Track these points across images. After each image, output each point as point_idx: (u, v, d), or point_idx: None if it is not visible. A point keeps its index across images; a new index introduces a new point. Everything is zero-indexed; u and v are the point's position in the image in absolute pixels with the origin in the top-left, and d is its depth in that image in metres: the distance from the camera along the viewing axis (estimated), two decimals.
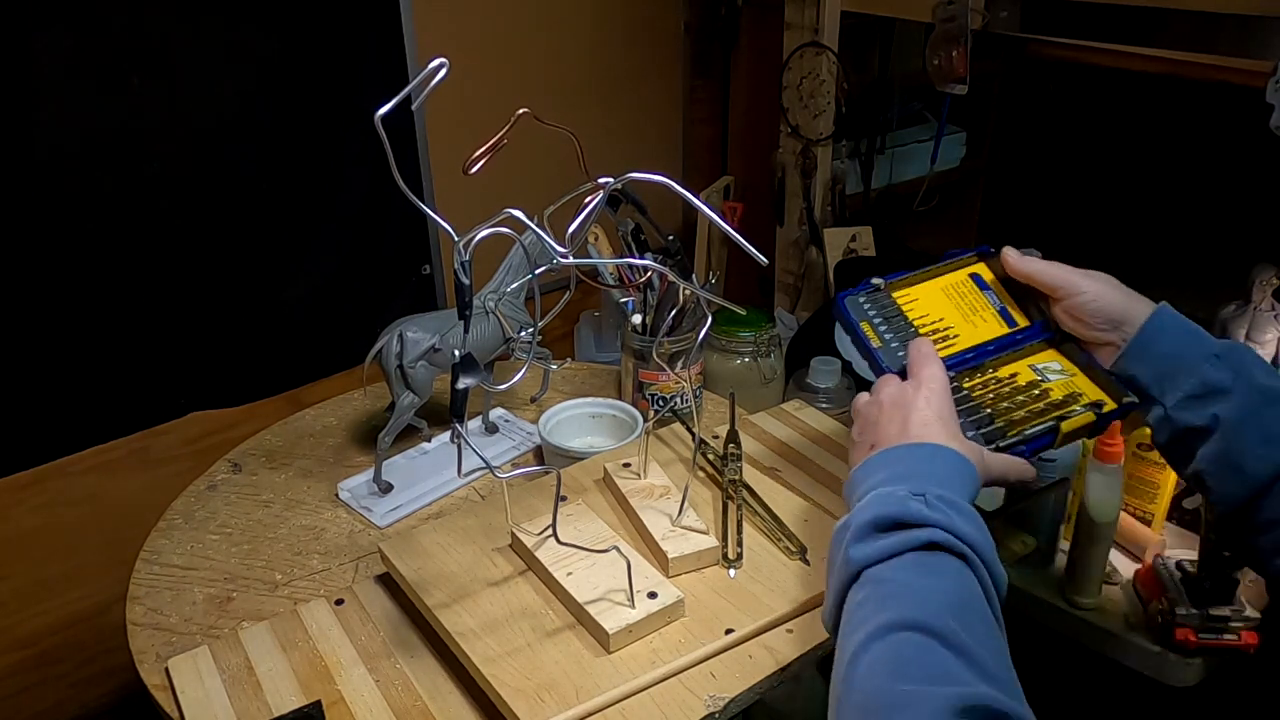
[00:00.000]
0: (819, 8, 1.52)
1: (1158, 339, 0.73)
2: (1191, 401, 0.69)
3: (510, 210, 0.66)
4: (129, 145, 1.23)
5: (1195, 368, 0.70)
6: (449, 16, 1.48)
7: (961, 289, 0.84)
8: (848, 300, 0.83)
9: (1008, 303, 0.82)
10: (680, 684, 0.68)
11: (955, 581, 0.58)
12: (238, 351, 1.41)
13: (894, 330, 0.80)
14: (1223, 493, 0.68)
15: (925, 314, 0.81)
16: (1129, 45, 1.27)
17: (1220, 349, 0.70)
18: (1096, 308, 0.75)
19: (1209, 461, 0.68)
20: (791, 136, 1.63)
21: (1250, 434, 0.66)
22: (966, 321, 0.81)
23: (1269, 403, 0.67)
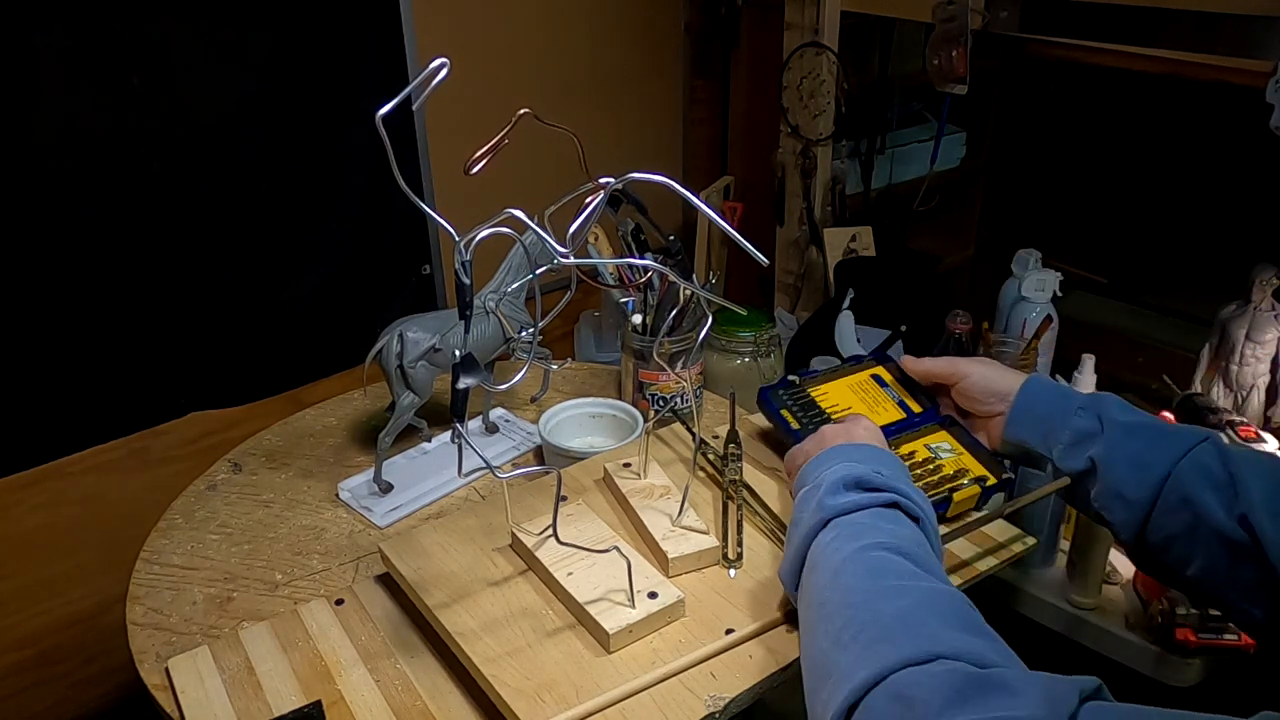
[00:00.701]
0: (819, 8, 1.52)
1: (1033, 403, 0.83)
2: (1071, 450, 0.79)
3: (511, 210, 0.66)
4: (129, 145, 1.22)
5: (1066, 420, 0.79)
6: (449, 16, 1.48)
7: (865, 386, 0.98)
8: (770, 393, 0.96)
9: (904, 396, 0.96)
10: (680, 684, 0.68)
11: (914, 532, 0.68)
12: (238, 351, 1.41)
13: (809, 416, 0.93)
14: (1119, 522, 0.76)
15: (835, 403, 0.95)
16: (1129, 45, 1.26)
17: (1084, 401, 0.80)
18: (982, 385, 0.87)
19: (1099, 497, 0.77)
20: (791, 136, 1.63)
21: (1121, 464, 0.75)
22: (870, 410, 0.94)
23: (1130, 435, 0.76)
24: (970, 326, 1.24)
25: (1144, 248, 1.75)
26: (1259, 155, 1.23)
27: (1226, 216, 1.60)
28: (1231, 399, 1.24)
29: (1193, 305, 1.66)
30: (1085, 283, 1.72)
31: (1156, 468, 0.73)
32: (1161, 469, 0.73)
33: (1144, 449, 0.75)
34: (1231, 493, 0.68)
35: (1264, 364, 1.21)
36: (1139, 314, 1.74)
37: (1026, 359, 1.23)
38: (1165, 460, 0.73)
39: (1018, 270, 1.39)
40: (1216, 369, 1.25)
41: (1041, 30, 1.34)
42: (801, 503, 0.72)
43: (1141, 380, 1.47)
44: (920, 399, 0.96)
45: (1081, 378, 1.26)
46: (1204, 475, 0.71)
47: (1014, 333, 1.35)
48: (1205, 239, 1.64)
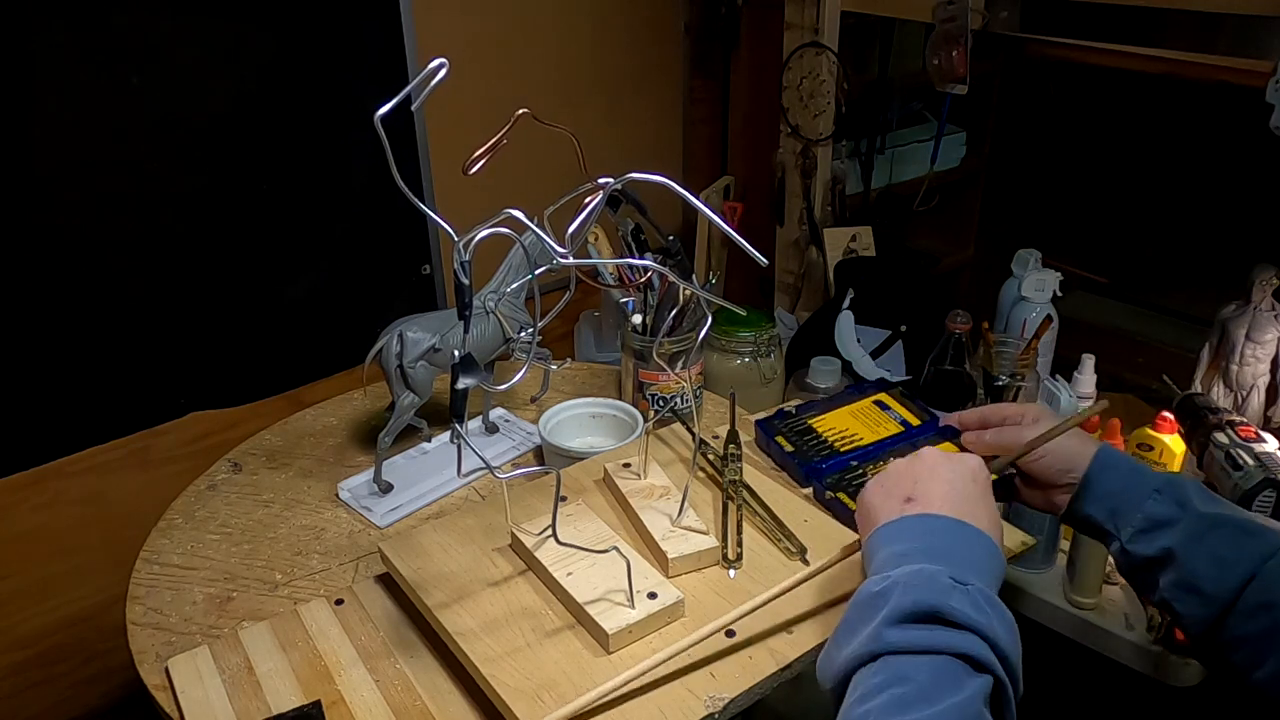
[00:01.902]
0: (819, 8, 1.52)
1: (1103, 479, 0.78)
2: (1142, 535, 0.74)
3: (510, 210, 0.66)
4: (129, 145, 1.23)
5: (1140, 504, 0.75)
6: (449, 16, 1.48)
7: (867, 411, 0.99)
8: (764, 423, 0.97)
9: (905, 414, 0.97)
10: (680, 684, 0.68)
11: (975, 701, 0.56)
12: (238, 351, 1.41)
13: (804, 441, 0.94)
14: (1189, 616, 0.72)
15: (831, 427, 0.96)
16: (1129, 45, 1.27)
17: (1160, 483, 0.75)
18: (1050, 462, 0.81)
19: (1170, 589, 0.73)
20: (791, 136, 1.63)
21: (1201, 559, 0.71)
22: (869, 430, 0.96)
23: (1212, 528, 0.71)
24: (970, 326, 1.24)
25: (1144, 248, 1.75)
26: (1259, 155, 1.23)
27: (1226, 216, 1.60)
28: (1231, 399, 1.24)
29: (1193, 305, 1.66)
30: (1085, 283, 1.72)
31: (1239, 566, 0.69)
32: (1245, 568, 0.69)
33: (1227, 545, 0.71)
34: None
35: (1264, 364, 1.21)
36: (1139, 314, 1.74)
37: (1026, 359, 1.23)
38: (1250, 560, 0.69)
39: (1018, 270, 1.39)
40: (1216, 369, 1.25)
41: (1041, 30, 1.34)
42: (867, 602, 0.62)
43: (1141, 380, 1.47)
44: (921, 413, 0.97)
45: (1081, 378, 1.26)
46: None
47: (1014, 333, 1.35)
48: (1205, 239, 1.64)
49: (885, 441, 0.93)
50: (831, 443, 0.94)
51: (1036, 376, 1.26)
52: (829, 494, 0.88)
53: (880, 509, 0.71)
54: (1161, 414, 1.15)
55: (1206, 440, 1.11)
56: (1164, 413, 1.15)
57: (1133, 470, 0.78)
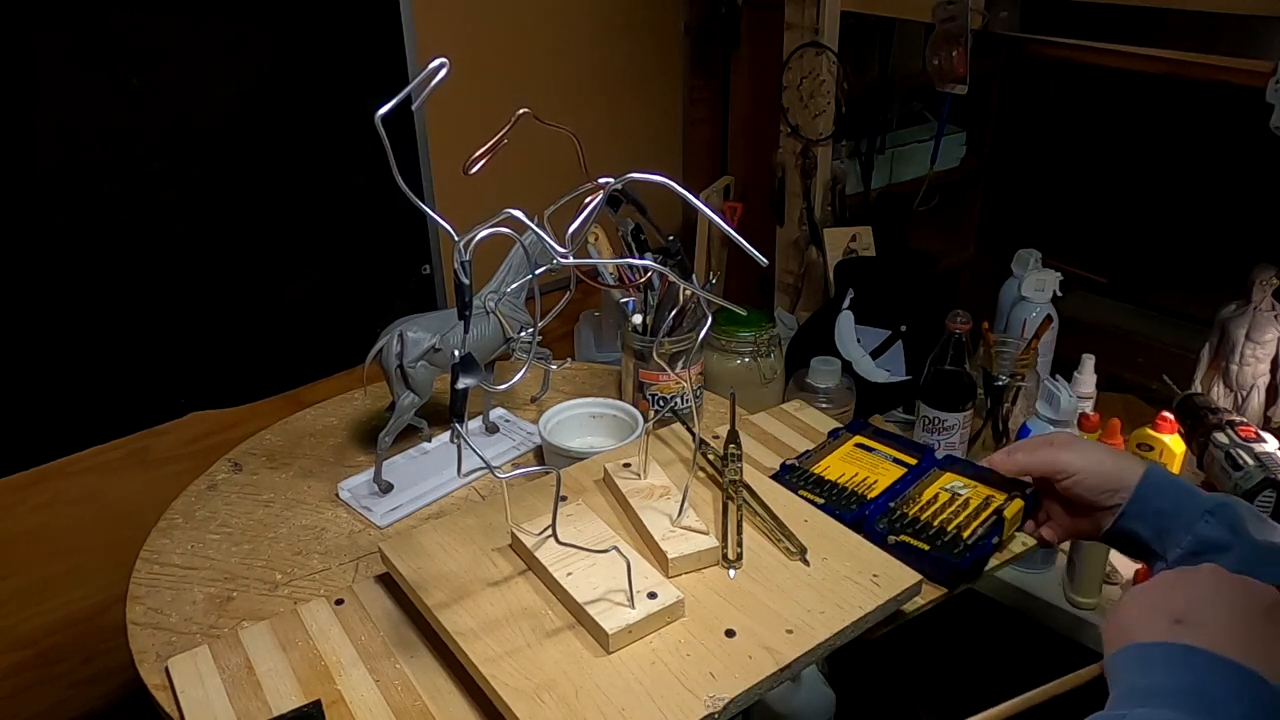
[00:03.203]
0: (819, 8, 1.52)
1: (1153, 498, 0.76)
2: (1191, 558, 0.72)
3: (510, 210, 0.66)
4: (129, 145, 1.23)
5: (1190, 525, 0.72)
6: (449, 16, 1.48)
7: (855, 453, 0.99)
8: (781, 478, 0.95)
9: (894, 453, 0.98)
10: (680, 684, 0.68)
11: None
12: (238, 351, 1.41)
13: (828, 492, 0.92)
14: None
15: (841, 473, 0.95)
16: (1129, 45, 1.26)
17: (1213, 505, 0.73)
18: (1093, 484, 0.78)
19: None
20: (791, 136, 1.63)
21: None
22: (873, 473, 0.95)
23: (1263, 559, 0.69)
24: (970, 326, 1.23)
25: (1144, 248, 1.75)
26: (1259, 155, 1.23)
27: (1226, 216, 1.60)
28: (1231, 399, 1.24)
29: (1193, 305, 1.66)
30: (1085, 283, 1.72)
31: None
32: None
33: (1278, 576, 0.67)
34: None
35: (1264, 364, 1.21)
36: (1139, 314, 1.74)
37: (1026, 359, 1.23)
38: None
39: (1018, 270, 1.39)
40: (1216, 369, 1.25)
41: (1041, 30, 1.34)
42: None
43: (1141, 380, 1.47)
44: (909, 451, 0.98)
45: (1081, 378, 1.26)
46: None
47: (1014, 333, 1.35)
48: (1205, 239, 1.63)
49: (897, 485, 0.93)
50: (854, 490, 0.93)
51: (1036, 376, 1.26)
52: (892, 539, 0.86)
53: (1138, 624, 0.58)
54: (1161, 414, 1.15)
55: (1206, 440, 1.11)
56: (1164, 413, 1.15)
57: (1184, 491, 0.75)
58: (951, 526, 0.86)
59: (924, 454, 0.97)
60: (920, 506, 0.89)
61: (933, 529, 0.86)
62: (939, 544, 0.84)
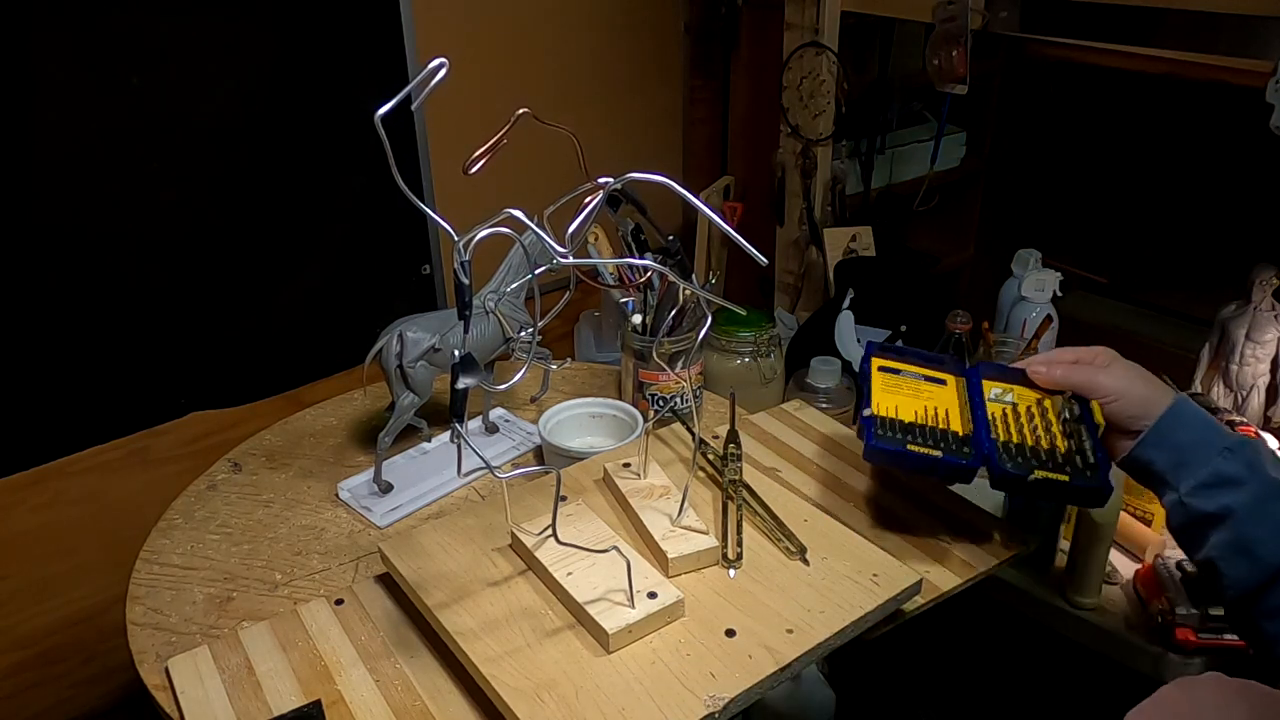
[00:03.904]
0: (819, 8, 1.52)
1: (1175, 429, 0.76)
2: (1205, 490, 0.73)
3: (510, 210, 0.66)
4: (129, 145, 1.23)
5: (1209, 458, 0.73)
6: (449, 16, 1.48)
7: (894, 382, 0.89)
8: (871, 435, 0.82)
9: (922, 370, 0.90)
10: (680, 684, 0.68)
11: None
12: (238, 351, 1.41)
13: (926, 437, 0.82)
14: (1234, 578, 0.71)
15: (912, 412, 0.85)
16: (1129, 45, 1.27)
17: (1233, 443, 0.74)
18: (1128, 410, 0.78)
19: (1220, 548, 0.71)
20: (791, 136, 1.63)
21: (1262, 523, 0.70)
22: (931, 401, 0.87)
23: (1276, 494, 0.70)
24: (970, 326, 1.24)
25: (1144, 248, 1.75)
26: (1259, 155, 1.23)
27: (1226, 216, 1.60)
28: (1231, 399, 1.24)
29: (1193, 305, 1.66)
30: (1085, 283, 1.72)
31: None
32: None
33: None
34: None
35: (1264, 364, 1.21)
36: (1139, 314, 1.75)
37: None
38: None
39: (1018, 270, 1.39)
40: (1216, 369, 1.25)
41: (1041, 30, 1.34)
42: None
43: None
44: (932, 364, 0.90)
45: None
46: None
47: (1014, 333, 1.35)
48: (1205, 239, 1.64)
49: (971, 405, 0.86)
50: (941, 429, 0.83)
51: None
52: (1032, 478, 0.78)
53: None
54: None
55: None
56: None
57: (1206, 425, 0.76)
58: (1046, 444, 0.81)
59: (949, 363, 0.90)
60: (1008, 429, 0.83)
61: (1043, 452, 0.80)
62: (1070, 469, 0.79)
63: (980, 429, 0.83)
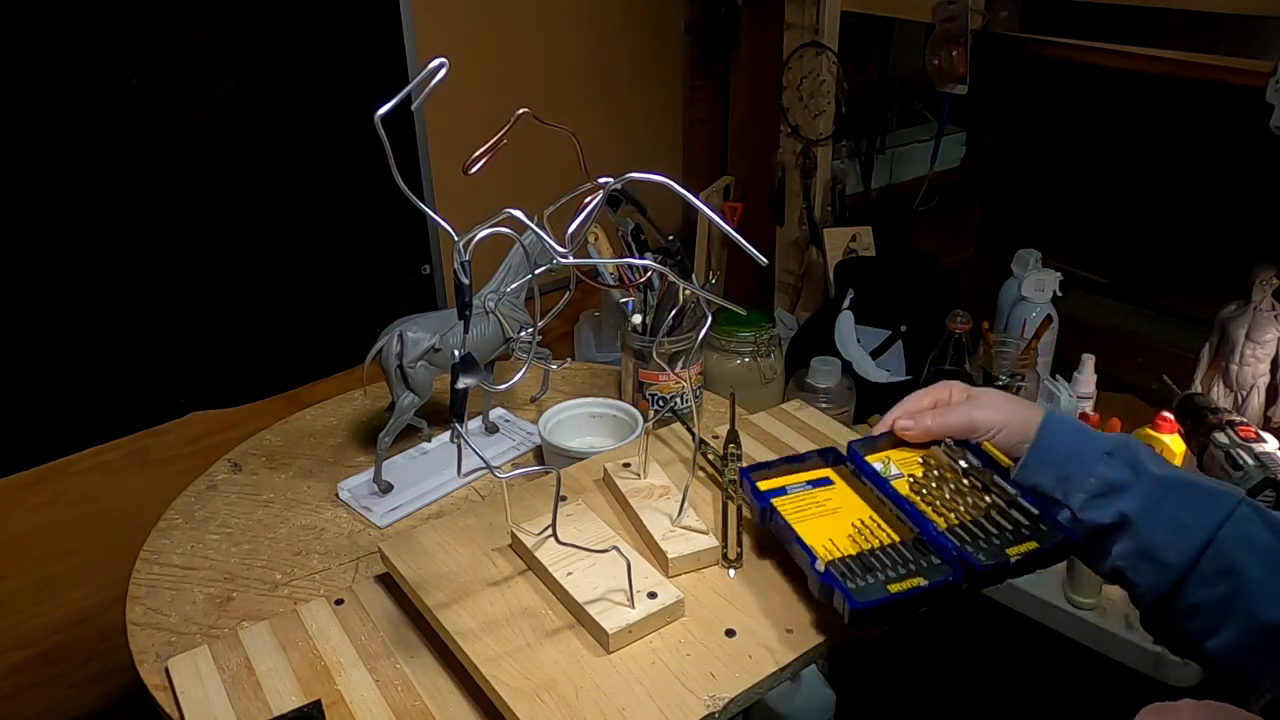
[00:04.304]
0: (819, 8, 1.52)
1: (1051, 445, 0.74)
2: (1095, 501, 0.71)
3: (510, 210, 0.66)
4: (129, 145, 1.23)
5: (1090, 467, 0.71)
6: (449, 16, 1.48)
7: (798, 504, 0.79)
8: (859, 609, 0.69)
9: (803, 476, 0.82)
10: (680, 684, 0.68)
11: None
12: (238, 351, 1.41)
13: (870, 562, 0.72)
14: (1144, 585, 0.69)
15: (842, 534, 0.75)
16: (1129, 45, 1.27)
17: (1110, 446, 0.72)
18: (1006, 437, 0.77)
19: (1125, 557, 0.70)
20: (791, 136, 1.64)
21: (1158, 525, 0.68)
22: (841, 513, 0.78)
23: (1169, 491, 0.69)
24: (970, 326, 1.24)
25: (1144, 248, 1.75)
26: (1259, 155, 1.23)
27: (1226, 216, 1.60)
28: (1231, 399, 1.24)
29: (1193, 305, 1.66)
30: (1085, 283, 1.72)
31: (1197, 531, 0.66)
32: (1202, 533, 0.66)
33: (1184, 509, 0.68)
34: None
35: (1264, 364, 1.21)
36: (1139, 314, 1.75)
37: (1026, 359, 1.23)
38: (1206, 522, 0.66)
39: (1018, 270, 1.39)
40: (1216, 369, 1.25)
41: (1041, 30, 1.34)
42: None
43: (1141, 380, 1.47)
44: (806, 464, 0.83)
45: (1081, 378, 1.26)
46: (1251, 545, 0.65)
47: (1014, 333, 1.35)
48: (1205, 239, 1.64)
49: (883, 491, 0.77)
50: (884, 543, 0.73)
51: (1036, 376, 1.26)
52: (1013, 561, 0.71)
53: None
54: (1161, 414, 1.15)
55: (1206, 440, 1.11)
56: (1164, 413, 1.15)
57: (1080, 433, 0.74)
58: (981, 510, 0.75)
59: (813, 456, 0.83)
60: (936, 510, 0.76)
61: (990, 523, 0.74)
62: (1027, 530, 0.72)
63: (920, 524, 0.73)
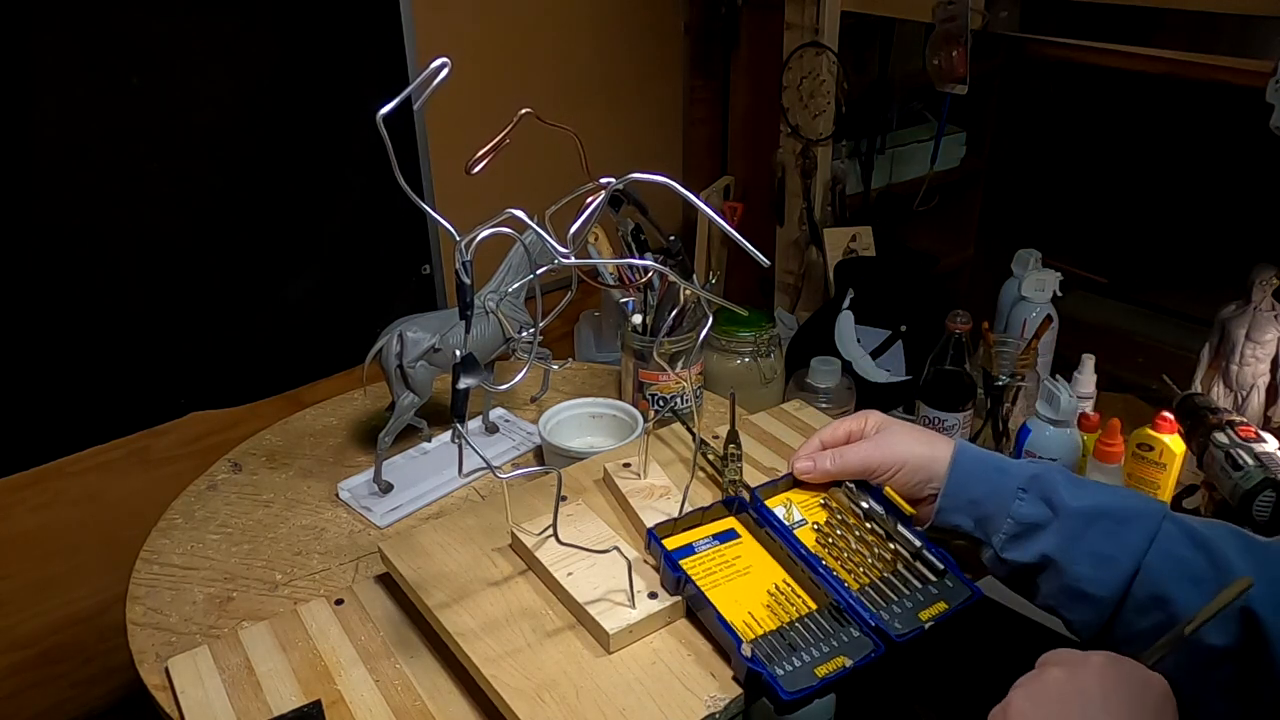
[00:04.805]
0: (819, 8, 1.52)
1: (966, 484, 0.72)
2: (1015, 541, 0.69)
3: (511, 210, 0.66)
4: (129, 145, 1.22)
5: (1006, 505, 0.69)
6: (449, 16, 1.48)
7: (705, 562, 0.76)
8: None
9: (704, 532, 0.79)
10: (680, 684, 0.68)
11: None
12: (238, 351, 1.41)
13: (792, 636, 0.69)
14: (1078, 621, 0.68)
15: (747, 600, 0.72)
16: (1129, 45, 1.27)
17: (1025, 480, 0.70)
18: (905, 477, 0.74)
19: (1054, 595, 0.69)
20: (791, 136, 1.63)
21: (1081, 561, 0.66)
22: (749, 573, 0.75)
23: (1088, 523, 0.67)
24: (970, 326, 1.23)
25: (1144, 248, 1.75)
26: (1259, 155, 1.23)
27: (1226, 216, 1.60)
28: (1231, 399, 1.24)
29: (1193, 305, 1.66)
30: (1085, 283, 1.72)
31: (1122, 562, 0.65)
32: (1128, 563, 0.64)
33: (1105, 540, 0.66)
34: (1215, 587, 0.59)
35: (1264, 364, 1.21)
36: (1139, 314, 1.74)
37: (1026, 359, 1.23)
38: (1130, 551, 0.65)
39: (1018, 270, 1.39)
40: (1216, 369, 1.25)
41: (1041, 30, 1.34)
42: None
43: (1141, 380, 1.47)
44: (708, 517, 0.80)
45: (1081, 378, 1.26)
46: (1178, 567, 0.63)
47: (1014, 333, 1.35)
48: (1205, 239, 1.63)
49: (791, 546, 0.76)
50: (800, 614, 0.71)
51: (1036, 376, 1.26)
52: (927, 626, 0.70)
53: None
54: (1161, 414, 1.15)
55: (1206, 440, 1.11)
56: (1164, 413, 1.15)
57: (993, 469, 0.71)
58: (889, 567, 0.73)
59: (714, 505, 0.80)
60: (844, 566, 0.74)
61: (898, 580, 0.72)
62: (935, 589, 0.72)
63: (834, 588, 0.71)
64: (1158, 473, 1.13)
